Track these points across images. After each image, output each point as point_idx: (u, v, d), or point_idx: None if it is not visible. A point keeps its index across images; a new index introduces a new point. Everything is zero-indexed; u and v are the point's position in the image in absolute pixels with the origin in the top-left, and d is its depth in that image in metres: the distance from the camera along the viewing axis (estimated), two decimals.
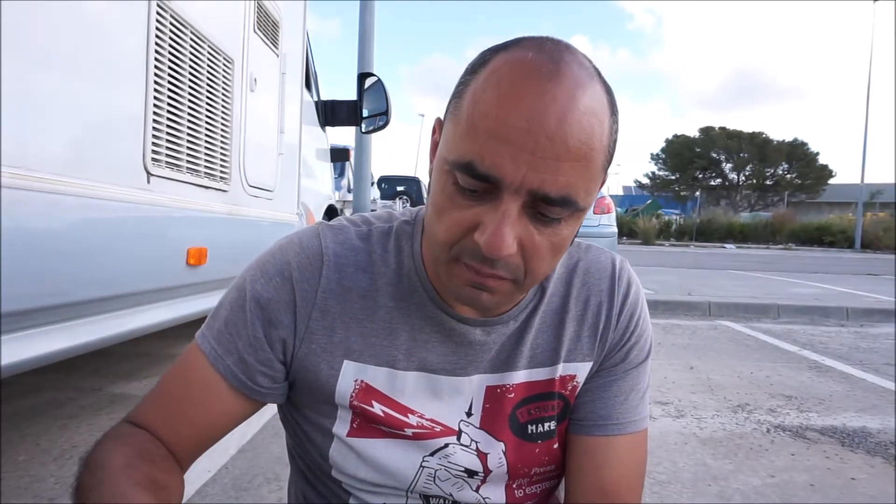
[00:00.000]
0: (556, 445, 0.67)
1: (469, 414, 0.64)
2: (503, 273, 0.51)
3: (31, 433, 1.99)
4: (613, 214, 5.75)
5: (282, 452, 1.96)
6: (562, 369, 0.66)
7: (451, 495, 0.65)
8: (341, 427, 0.63)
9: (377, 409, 0.62)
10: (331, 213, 3.89)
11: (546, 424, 0.66)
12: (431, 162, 0.57)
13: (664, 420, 2.47)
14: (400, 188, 12.86)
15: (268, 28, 2.27)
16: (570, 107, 0.47)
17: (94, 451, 0.57)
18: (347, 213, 6.02)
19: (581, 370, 0.67)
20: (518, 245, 0.50)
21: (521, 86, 0.47)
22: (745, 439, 2.27)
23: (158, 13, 1.48)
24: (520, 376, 0.65)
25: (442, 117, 0.56)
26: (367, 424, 0.63)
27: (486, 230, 0.49)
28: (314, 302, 0.61)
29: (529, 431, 0.65)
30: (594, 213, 5.52)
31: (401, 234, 0.64)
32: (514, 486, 0.67)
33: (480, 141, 0.48)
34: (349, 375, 0.61)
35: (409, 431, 0.63)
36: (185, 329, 1.89)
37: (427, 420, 0.63)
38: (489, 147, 0.47)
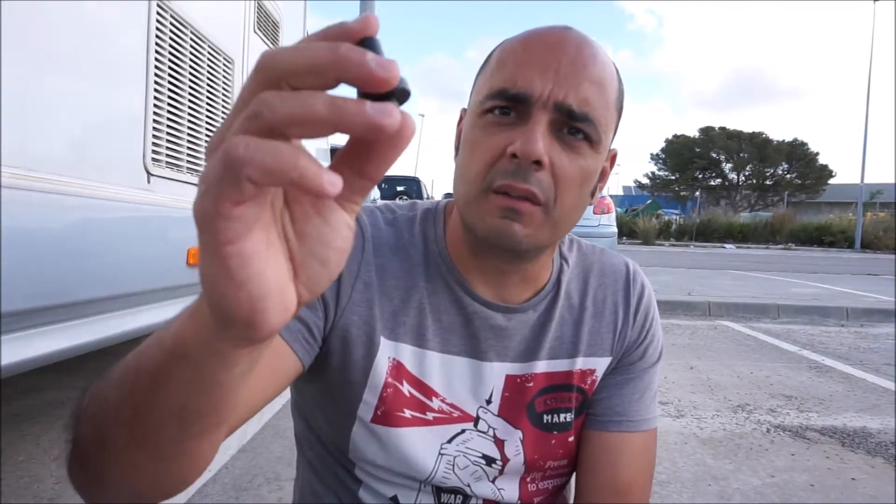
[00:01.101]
0: (570, 438, 0.68)
1: (489, 401, 0.65)
2: (535, 189, 0.54)
3: (31, 433, 1.99)
4: (613, 214, 5.75)
5: (282, 452, 1.96)
6: (581, 363, 0.67)
7: (468, 486, 0.65)
8: (366, 411, 0.63)
9: (405, 389, 0.63)
10: None
11: (563, 416, 0.68)
12: (456, 148, 0.63)
13: (664, 420, 2.47)
14: (400, 188, 12.86)
15: (268, 28, 2.27)
16: (585, 45, 0.56)
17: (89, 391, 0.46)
18: None
19: (600, 365, 0.68)
20: (549, 163, 0.54)
21: (542, 32, 0.58)
22: (745, 439, 2.27)
23: (158, 13, 1.48)
24: (540, 367, 0.66)
25: (466, 106, 0.63)
26: (391, 411, 0.63)
27: (518, 139, 0.54)
28: (358, 273, 0.61)
29: (545, 421, 0.67)
30: (594, 213, 5.52)
31: (425, 220, 0.67)
32: (528, 479, 0.68)
33: (511, 70, 0.56)
34: (385, 352, 0.62)
35: (430, 415, 0.64)
36: None
37: (448, 404, 0.64)
38: (519, 72, 0.55)
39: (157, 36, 1.48)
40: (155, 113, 1.48)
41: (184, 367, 0.33)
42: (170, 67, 1.55)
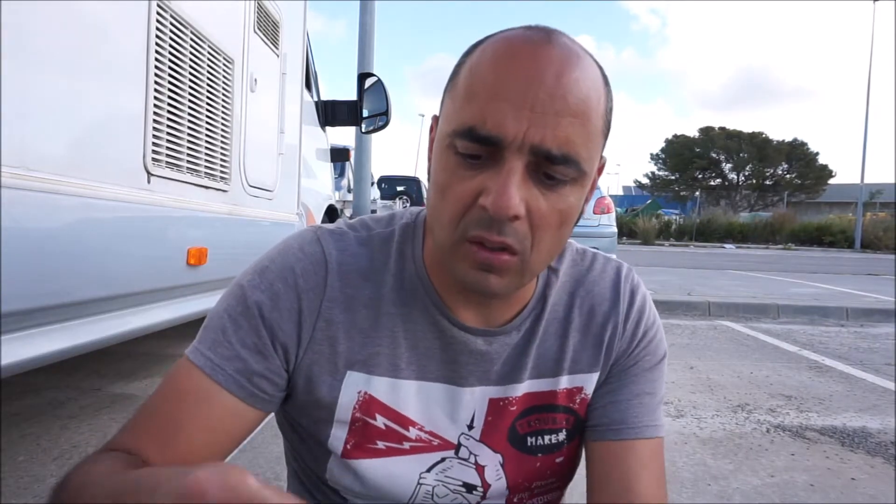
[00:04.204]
0: (559, 460, 0.65)
1: (470, 427, 0.63)
2: (510, 240, 0.50)
3: (31, 433, 1.99)
4: (613, 214, 5.75)
5: (282, 452, 1.96)
6: (566, 381, 0.64)
7: None
8: (336, 445, 0.61)
9: (379, 421, 0.61)
10: (331, 213, 3.89)
11: (548, 437, 0.64)
12: (430, 161, 0.57)
13: (664, 420, 2.47)
14: (400, 188, 12.86)
15: (268, 28, 2.27)
16: (566, 67, 0.49)
17: (69, 476, 0.51)
18: (347, 213, 6.02)
19: (588, 381, 0.65)
20: (525, 210, 0.49)
21: (518, 51, 0.50)
22: (745, 439, 2.27)
23: (158, 13, 1.48)
24: (521, 388, 0.63)
25: (437, 113, 0.57)
26: (363, 443, 0.61)
27: (491, 191, 0.48)
28: (319, 311, 0.58)
29: (528, 444, 0.64)
30: (594, 213, 5.52)
31: (403, 238, 0.63)
32: (515, 500, 0.65)
33: (480, 104, 0.49)
34: (352, 387, 0.60)
35: (407, 445, 0.61)
36: (186, 329, 1.89)
37: (426, 433, 0.62)
38: (489, 108, 0.48)
39: (157, 36, 1.48)
40: (155, 113, 1.48)
41: None
42: (170, 67, 1.55)
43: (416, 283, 0.61)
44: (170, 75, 1.55)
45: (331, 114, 3.57)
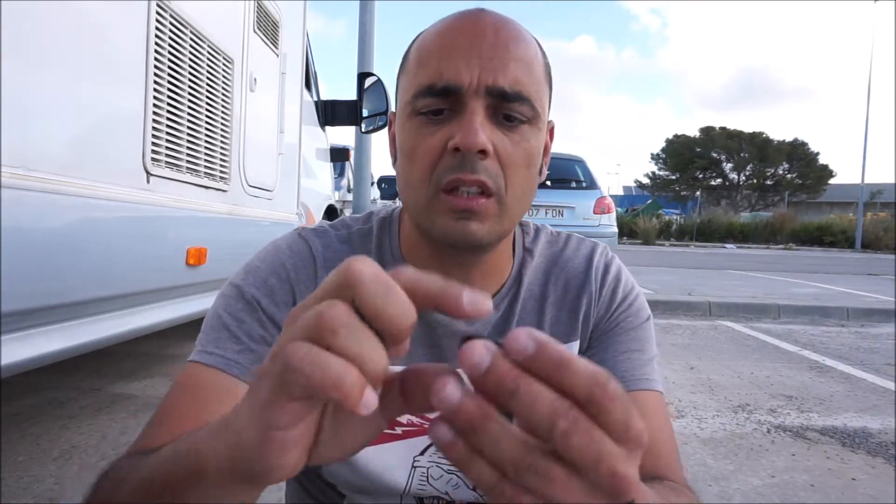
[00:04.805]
0: None
1: None
2: (484, 177, 0.53)
3: (31, 433, 1.99)
4: (613, 214, 5.74)
5: None
6: None
7: (447, 494, 0.64)
8: None
9: None
10: (331, 212, 3.89)
11: None
12: (393, 155, 0.61)
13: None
14: None
15: (268, 28, 2.27)
16: (503, 26, 0.56)
17: (96, 486, 0.45)
18: (347, 213, 6.02)
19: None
20: (494, 151, 0.53)
21: (458, 20, 0.56)
22: (746, 439, 2.27)
23: (158, 13, 1.48)
24: None
25: (395, 110, 0.62)
26: None
27: (457, 132, 0.52)
28: None
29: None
30: (594, 213, 5.52)
31: (380, 232, 0.66)
32: None
33: (433, 64, 0.54)
34: None
35: (399, 430, 0.62)
36: (185, 329, 1.89)
37: (417, 416, 0.62)
38: (443, 64, 0.54)
39: (156, 36, 1.48)
40: (154, 113, 1.48)
41: (199, 485, 0.34)
42: (169, 67, 1.54)
43: None
44: (169, 75, 1.55)
45: (330, 113, 3.57)
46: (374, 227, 0.66)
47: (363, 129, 3.61)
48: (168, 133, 1.55)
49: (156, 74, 1.48)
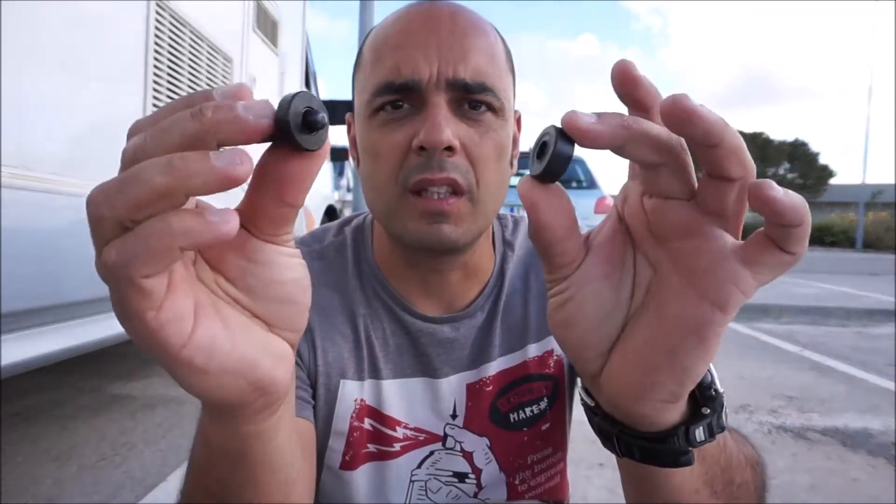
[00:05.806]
0: (545, 427, 0.64)
1: (454, 416, 0.62)
2: (454, 175, 0.50)
3: (31, 433, 1.99)
4: None
5: None
6: (535, 349, 0.63)
7: None
8: (334, 459, 0.60)
9: (367, 424, 0.60)
10: (330, 212, 3.89)
11: (528, 409, 0.64)
12: (356, 159, 0.58)
13: None
14: None
15: (267, 27, 2.27)
16: (459, 14, 0.53)
17: None
18: (347, 212, 6.02)
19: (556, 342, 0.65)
20: (461, 146, 0.51)
21: (410, 12, 0.54)
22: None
23: (157, 13, 1.48)
24: (493, 367, 0.62)
25: (350, 114, 0.60)
26: (359, 452, 0.60)
27: (421, 130, 0.49)
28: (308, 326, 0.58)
29: (512, 420, 0.63)
30: (594, 213, 5.52)
31: (355, 243, 0.63)
32: (517, 482, 0.65)
33: (390, 59, 0.51)
34: (348, 395, 0.59)
35: (396, 446, 0.61)
36: None
37: (412, 430, 0.61)
38: (399, 58, 0.51)
39: (156, 35, 1.47)
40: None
41: (221, 456, 0.34)
42: (169, 66, 1.54)
43: (374, 283, 0.61)
44: (168, 74, 1.55)
45: (330, 114, 3.57)
46: (348, 238, 0.64)
47: None
48: None
49: (155, 74, 1.48)
